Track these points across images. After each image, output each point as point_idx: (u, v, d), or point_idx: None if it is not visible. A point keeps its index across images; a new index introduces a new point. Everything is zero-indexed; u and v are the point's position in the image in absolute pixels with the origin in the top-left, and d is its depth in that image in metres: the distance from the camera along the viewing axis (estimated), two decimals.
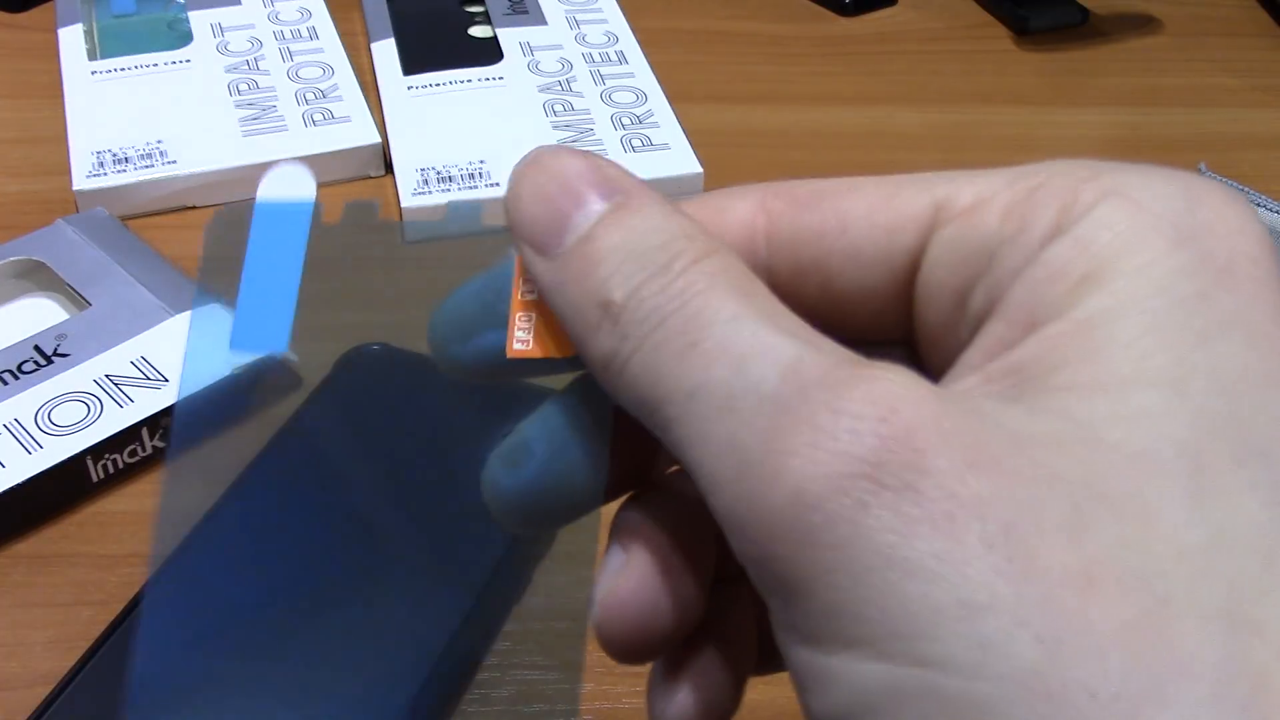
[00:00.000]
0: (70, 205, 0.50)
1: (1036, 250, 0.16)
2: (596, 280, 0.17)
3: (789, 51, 0.64)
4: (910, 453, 0.14)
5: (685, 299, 0.16)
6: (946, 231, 0.18)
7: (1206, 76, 0.64)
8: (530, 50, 0.58)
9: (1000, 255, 0.17)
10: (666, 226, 0.17)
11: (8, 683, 0.34)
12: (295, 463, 0.39)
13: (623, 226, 0.17)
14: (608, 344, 0.17)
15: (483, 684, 0.34)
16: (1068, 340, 0.16)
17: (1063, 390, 0.15)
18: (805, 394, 0.15)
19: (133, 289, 0.43)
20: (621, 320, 0.17)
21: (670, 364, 0.16)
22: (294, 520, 0.37)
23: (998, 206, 0.17)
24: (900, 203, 0.18)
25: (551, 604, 0.36)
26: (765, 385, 0.15)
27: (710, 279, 0.17)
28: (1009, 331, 0.16)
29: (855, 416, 0.15)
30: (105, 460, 0.39)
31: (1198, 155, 0.56)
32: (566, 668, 0.35)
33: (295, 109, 0.54)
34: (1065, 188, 0.17)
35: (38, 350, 0.41)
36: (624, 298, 0.17)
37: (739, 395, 0.16)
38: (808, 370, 0.15)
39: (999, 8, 0.67)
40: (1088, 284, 0.16)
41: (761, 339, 0.16)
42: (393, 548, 0.35)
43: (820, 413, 0.15)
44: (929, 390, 0.15)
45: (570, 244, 0.18)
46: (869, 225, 0.18)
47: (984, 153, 0.57)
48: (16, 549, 0.38)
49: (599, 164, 0.18)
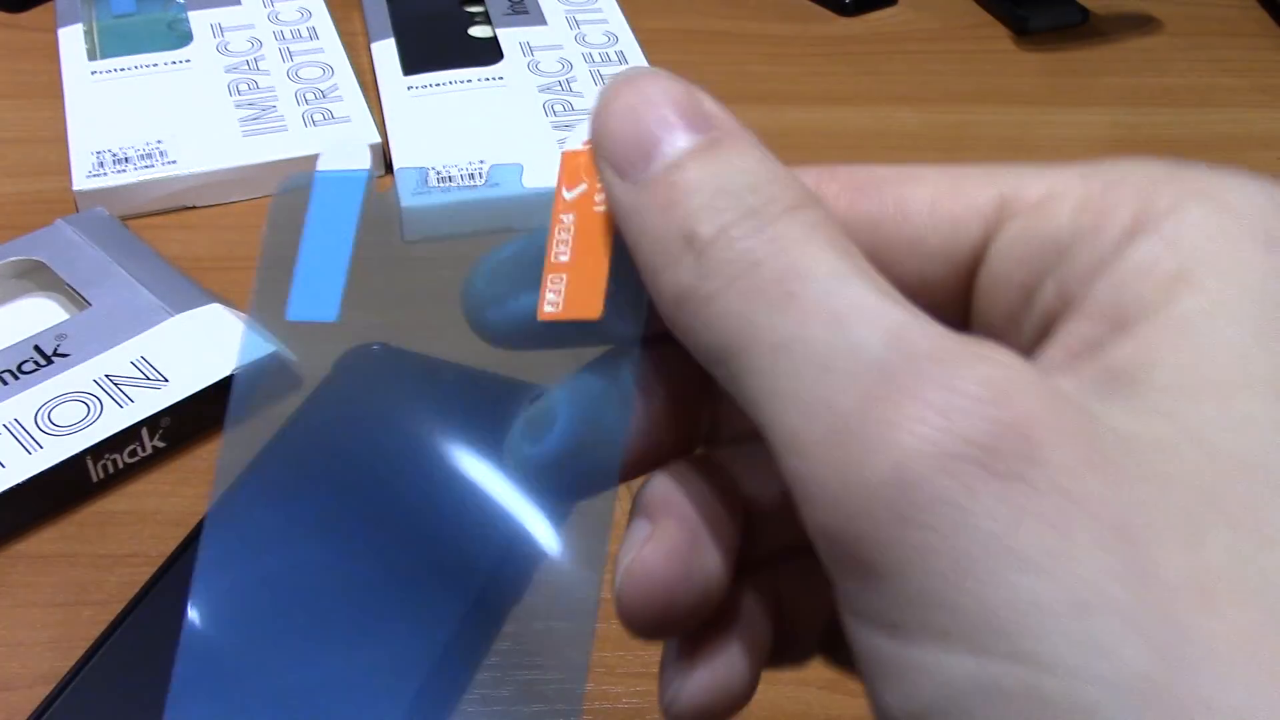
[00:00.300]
0: (70, 205, 0.50)
1: (1118, 247, 0.16)
2: (683, 211, 0.16)
3: (789, 51, 0.64)
4: (1024, 442, 0.14)
5: (781, 245, 0.16)
6: (1015, 225, 0.17)
7: (1206, 76, 0.64)
8: (530, 50, 0.58)
9: (1075, 251, 0.16)
10: (762, 169, 0.17)
11: (8, 683, 0.34)
12: (294, 463, 0.39)
13: (716, 160, 0.17)
14: (687, 279, 0.16)
15: (483, 684, 0.34)
16: (1166, 340, 0.15)
17: (1165, 392, 0.15)
18: (913, 364, 0.14)
19: (133, 289, 0.43)
20: (707, 256, 0.16)
21: (759, 312, 0.16)
22: (293, 521, 0.37)
23: (1070, 201, 0.17)
24: (965, 194, 0.18)
25: (551, 604, 0.36)
26: (868, 349, 0.15)
27: (808, 229, 0.16)
28: (1095, 329, 0.16)
29: (968, 396, 0.14)
30: (105, 460, 0.39)
31: (1198, 155, 0.56)
32: (566, 668, 0.35)
33: (295, 109, 0.54)
34: (1142, 186, 0.16)
35: (38, 350, 0.41)
36: (712, 233, 0.16)
37: (838, 355, 0.15)
38: (915, 340, 0.15)
39: (999, 8, 0.67)
40: (1180, 283, 0.15)
41: (865, 299, 0.15)
42: (392, 548, 0.35)
43: (929, 387, 0.14)
44: (1042, 379, 0.15)
45: (657, 170, 0.17)
46: (932, 215, 0.18)
47: (984, 153, 0.57)
48: (16, 549, 0.38)
49: (697, 95, 0.18)
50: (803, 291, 0.15)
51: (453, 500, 0.36)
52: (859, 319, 0.15)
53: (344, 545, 0.36)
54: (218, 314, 0.43)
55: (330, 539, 0.36)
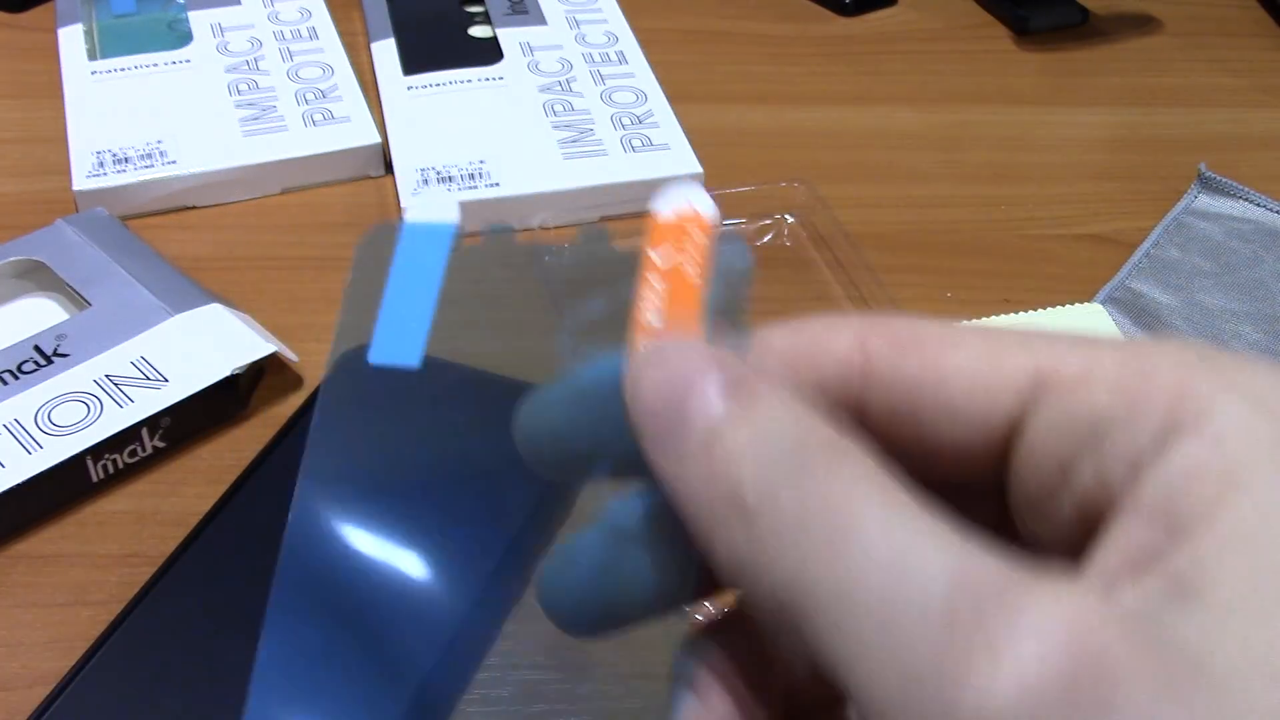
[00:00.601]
0: (70, 205, 0.50)
1: (1159, 441, 0.16)
2: (727, 480, 0.17)
3: (789, 51, 0.64)
4: (1102, 685, 0.14)
5: (827, 500, 0.16)
6: (1052, 401, 0.17)
7: (1206, 76, 0.64)
8: (530, 50, 0.58)
9: (1113, 435, 0.17)
10: (797, 425, 0.17)
11: (8, 683, 0.34)
12: (295, 463, 0.39)
13: (751, 424, 0.17)
14: (740, 546, 0.17)
15: (483, 684, 0.34)
16: (1224, 550, 0.15)
17: (1231, 611, 0.15)
18: (980, 611, 0.14)
19: (133, 289, 0.43)
20: (756, 523, 0.16)
21: (816, 571, 0.16)
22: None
23: (1106, 382, 0.17)
24: (1002, 364, 0.18)
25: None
26: (930, 599, 0.15)
27: (852, 481, 0.16)
28: (1148, 534, 0.16)
29: (1039, 640, 0.14)
30: (105, 460, 0.39)
31: (1198, 155, 0.56)
32: (566, 668, 0.35)
33: (295, 109, 0.54)
34: (1178, 374, 0.17)
35: (38, 350, 0.41)
36: (758, 500, 0.16)
37: (900, 607, 0.15)
38: (978, 583, 0.15)
39: (999, 8, 0.67)
40: (1229, 488, 0.15)
41: (920, 544, 0.15)
42: (391, 548, 0.35)
43: (999, 636, 0.14)
44: (1112, 609, 0.15)
45: (696, 443, 0.17)
46: (969, 383, 0.18)
47: (984, 153, 0.57)
48: (16, 549, 0.38)
49: (719, 358, 0.18)
50: (856, 545, 0.16)
51: (453, 499, 0.36)
52: (917, 566, 0.15)
53: (342, 544, 0.36)
54: (218, 314, 0.43)
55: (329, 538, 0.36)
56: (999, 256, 0.51)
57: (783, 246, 0.51)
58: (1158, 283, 0.50)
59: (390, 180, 0.52)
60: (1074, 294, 0.49)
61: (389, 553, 0.35)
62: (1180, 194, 0.55)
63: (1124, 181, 0.56)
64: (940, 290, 0.49)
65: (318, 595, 0.34)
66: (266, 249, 0.50)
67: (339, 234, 0.51)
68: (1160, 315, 0.48)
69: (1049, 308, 0.48)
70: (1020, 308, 0.48)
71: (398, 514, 0.36)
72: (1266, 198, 0.54)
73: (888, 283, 0.47)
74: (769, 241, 0.51)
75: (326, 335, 0.45)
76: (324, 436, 0.32)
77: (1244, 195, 0.54)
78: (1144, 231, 0.53)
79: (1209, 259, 0.51)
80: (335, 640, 0.34)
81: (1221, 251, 0.51)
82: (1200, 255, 0.51)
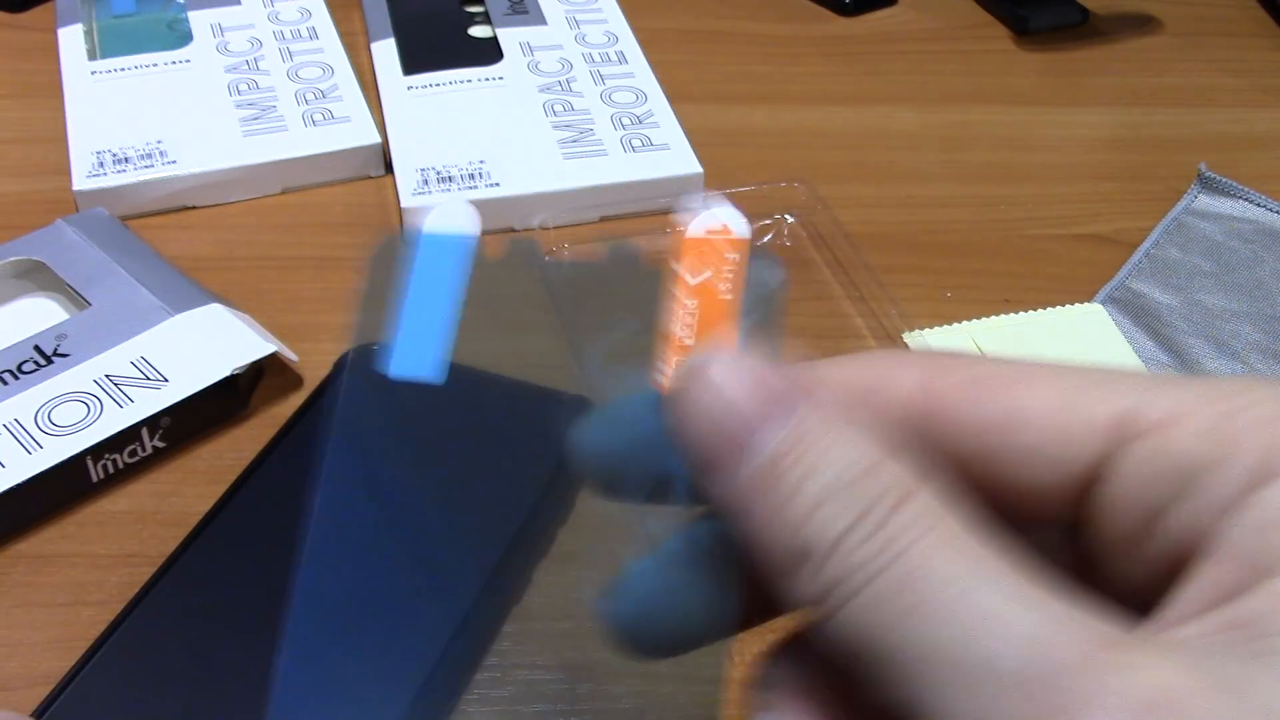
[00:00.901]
0: (70, 205, 0.50)
1: (1248, 487, 0.16)
2: (790, 520, 0.16)
3: (789, 51, 0.64)
4: None
5: (899, 548, 0.15)
6: (1139, 446, 0.17)
7: (1206, 76, 0.64)
8: (530, 50, 0.58)
9: (1203, 482, 0.16)
10: (859, 453, 0.16)
11: (8, 683, 0.34)
12: (295, 463, 0.39)
13: (810, 452, 0.16)
14: (809, 591, 0.16)
15: (483, 684, 0.34)
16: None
17: None
18: (1058, 682, 0.14)
19: (133, 289, 0.43)
20: (825, 571, 0.16)
21: (887, 624, 0.15)
22: (294, 520, 0.37)
23: (1194, 426, 0.17)
24: (1083, 407, 0.17)
25: (551, 604, 0.36)
26: (1009, 663, 0.14)
27: (924, 526, 0.16)
28: (1228, 577, 0.16)
29: (1120, 712, 0.14)
30: (105, 460, 0.39)
31: (1198, 155, 0.56)
32: (566, 668, 0.35)
33: (295, 109, 0.54)
34: (1267, 420, 0.16)
35: (38, 350, 0.41)
36: (826, 547, 0.16)
37: (975, 671, 0.14)
38: (1056, 649, 0.14)
39: (999, 8, 0.67)
40: None
41: (997, 606, 0.15)
42: (392, 547, 0.35)
43: (1078, 709, 0.14)
44: (1189, 674, 0.14)
45: (751, 474, 0.16)
46: (1047, 427, 0.17)
47: (984, 153, 0.57)
48: (16, 549, 0.38)
49: (767, 376, 0.17)
50: (930, 600, 0.15)
51: (453, 499, 0.36)
52: (993, 628, 0.15)
53: (343, 544, 0.36)
54: (218, 314, 0.43)
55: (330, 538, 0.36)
56: (999, 256, 0.51)
57: (783, 246, 0.51)
58: (1158, 283, 0.50)
59: (390, 180, 0.52)
60: (1074, 294, 0.49)
61: (401, 550, 0.36)
62: (1180, 194, 0.55)
63: (1124, 181, 0.56)
64: (940, 290, 0.49)
65: (337, 596, 0.34)
66: (266, 249, 0.50)
67: (339, 234, 0.51)
68: (1160, 315, 0.48)
69: (1049, 308, 0.48)
70: (1020, 308, 0.48)
71: (409, 513, 0.36)
72: (1266, 198, 0.54)
73: (888, 283, 0.47)
74: (769, 242, 0.51)
75: (327, 335, 0.45)
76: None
77: (1244, 195, 0.54)
78: (1144, 231, 0.53)
79: (1209, 259, 0.51)
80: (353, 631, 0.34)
81: (1221, 251, 0.51)
82: (1200, 255, 0.51)
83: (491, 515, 0.37)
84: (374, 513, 0.37)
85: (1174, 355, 0.47)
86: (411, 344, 0.23)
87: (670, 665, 0.19)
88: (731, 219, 0.20)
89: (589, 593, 0.21)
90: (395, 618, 0.34)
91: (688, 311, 0.19)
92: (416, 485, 0.35)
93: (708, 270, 0.20)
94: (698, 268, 0.20)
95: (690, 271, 0.20)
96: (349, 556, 0.36)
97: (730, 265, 0.20)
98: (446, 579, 0.35)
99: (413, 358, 0.23)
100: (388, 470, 0.38)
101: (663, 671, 0.34)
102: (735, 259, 0.20)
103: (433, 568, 0.34)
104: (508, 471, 0.38)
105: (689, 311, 0.19)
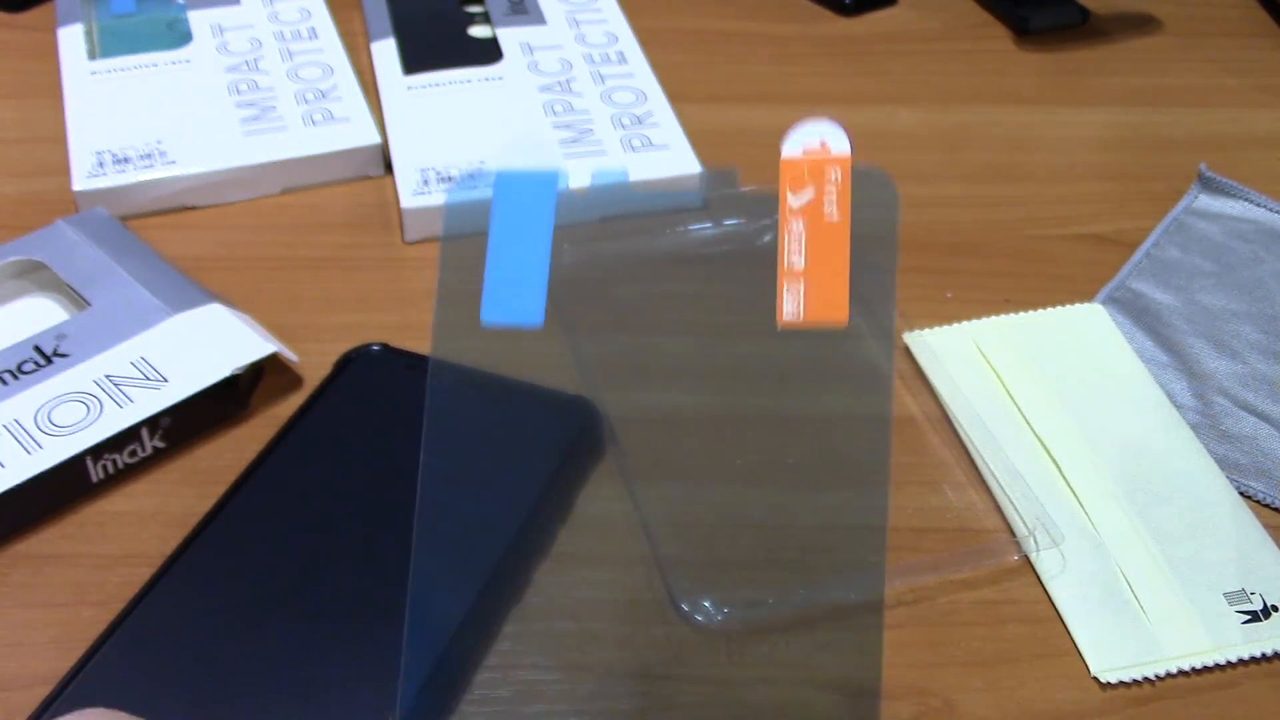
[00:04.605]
0: (70, 205, 0.50)
1: None
2: None
3: (789, 51, 0.64)
4: None
5: None
6: None
7: (1206, 76, 0.64)
8: (530, 50, 0.58)
9: None
10: None
11: (8, 683, 0.34)
12: (295, 462, 0.39)
13: None
14: None
15: (483, 684, 0.34)
16: None
17: None
18: None
19: (133, 289, 0.43)
20: None
21: None
22: (294, 520, 0.37)
23: None
24: None
25: (551, 604, 0.36)
26: None
27: None
28: None
29: None
30: (105, 460, 0.39)
31: (1198, 155, 0.56)
32: (566, 668, 0.35)
33: (295, 109, 0.54)
34: None
35: (38, 350, 0.41)
36: None
37: None
38: None
39: (999, 8, 0.67)
40: None
41: None
42: (392, 547, 0.35)
43: None
44: None
45: None
46: None
47: (984, 153, 0.57)
48: (16, 549, 0.38)
49: None
50: None
51: (453, 498, 0.36)
52: None
53: (344, 543, 0.36)
54: (218, 314, 0.43)
55: (330, 537, 0.36)
56: (999, 256, 0.51)
57: None
58: (1158, 283, 0.50)
59: (390, 180, 0.52)
60: (1074, 294, 0.49)
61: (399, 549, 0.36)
62: (1180, 194, 0.55)
63: (1124, 181, 0.56)
64: (940, 290, 0.49)
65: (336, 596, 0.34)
66: (266, 249, 0.50)
67: (339, 234, 0.51)
68: (1160, 315, 0.48)
69: (1049, 308, 0.48)
70: (1020, 308, 0.48)
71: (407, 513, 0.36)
72: (1267, 198, 0.54)
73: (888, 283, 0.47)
74: (769, 241, 0.51)
75: (327, 335, 0.45)
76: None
77: (1244, 195, 0.54)
78: (1144, 231, 0.53)
79: (1209, 259, 0.51)
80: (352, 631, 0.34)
81: (1222, 251, 0.51)
82: (1200, 255, 0.51)
83: (491, 515, 0.37)
84: (370, 513, 0.37)
85: (1174, 355, 0.47)
86: (503, 290, 0.21)
87: (672, 666, 0.19)
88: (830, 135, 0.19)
89: (589, 593, 0.21)
90: (395, 618, 0.34)
91: (793, 234, 0.19)
92: (412, 486, 0.35)
93: (809, 189, 0.19)
94: (799, 187, 0.19)
95: (792, 192, 0.19)
96: (341, 557, 0.36)
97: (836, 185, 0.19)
98: (444, 580, 0.35)
99: (508, 304, 0.22)
100: (381, 471, 0.38)
101: (664, 672, 0.34)
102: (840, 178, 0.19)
103: (430, 568, 0.34)
104: (508, 471, 0.38)
105: (795, 234, 0.19)
